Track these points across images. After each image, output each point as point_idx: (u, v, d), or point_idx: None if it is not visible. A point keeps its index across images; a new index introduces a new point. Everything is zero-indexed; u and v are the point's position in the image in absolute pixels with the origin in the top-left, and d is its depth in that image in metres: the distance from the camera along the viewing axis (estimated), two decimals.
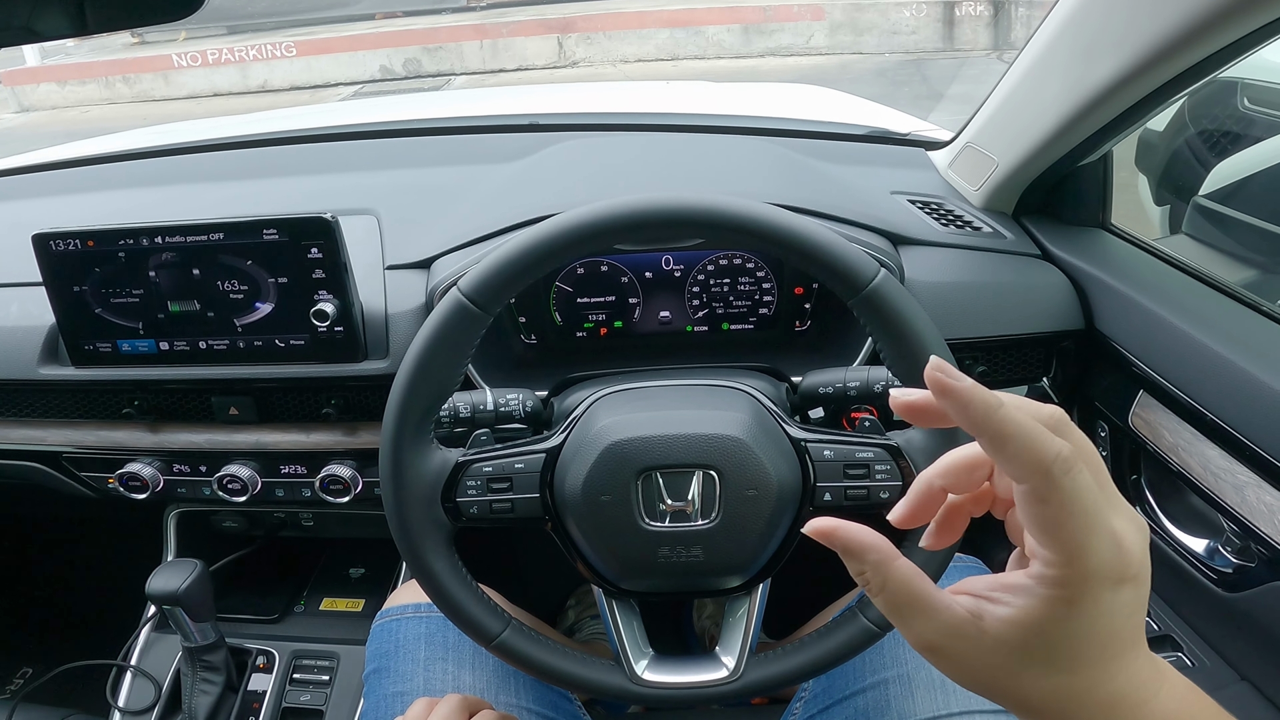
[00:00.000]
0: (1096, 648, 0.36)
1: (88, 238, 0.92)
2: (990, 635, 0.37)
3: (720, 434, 0.70)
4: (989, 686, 0.39)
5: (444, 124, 1.50)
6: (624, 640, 0.75)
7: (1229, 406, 0.81)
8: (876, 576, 0.39)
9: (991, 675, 0.38)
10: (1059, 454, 0.34)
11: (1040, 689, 0.37)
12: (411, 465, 0.71)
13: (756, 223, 0.67)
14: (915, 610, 0.39)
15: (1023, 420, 0.35)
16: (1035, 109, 0.94)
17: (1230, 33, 0.70)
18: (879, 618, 0.71)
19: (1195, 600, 0.90)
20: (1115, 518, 0.36)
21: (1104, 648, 0.36)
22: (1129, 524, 0.36)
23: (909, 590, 0.39)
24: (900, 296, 0.68)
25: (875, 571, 0.39)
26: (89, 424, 1.06)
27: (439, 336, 0.69)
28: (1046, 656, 0.37)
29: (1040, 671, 0.37)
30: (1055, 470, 0.34)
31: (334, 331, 0.95)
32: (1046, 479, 0.34)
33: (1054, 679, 0.37)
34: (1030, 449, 0.34)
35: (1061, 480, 0.34)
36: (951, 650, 0.38)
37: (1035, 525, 0.36)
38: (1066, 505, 0.34)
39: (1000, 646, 0.37)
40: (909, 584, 0.39)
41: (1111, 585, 0.35)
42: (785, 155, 1.22)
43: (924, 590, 0.39)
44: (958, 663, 0.39)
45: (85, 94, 8.28)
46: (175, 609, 1.01)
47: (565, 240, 0.68)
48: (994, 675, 0.38)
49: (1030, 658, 0.37)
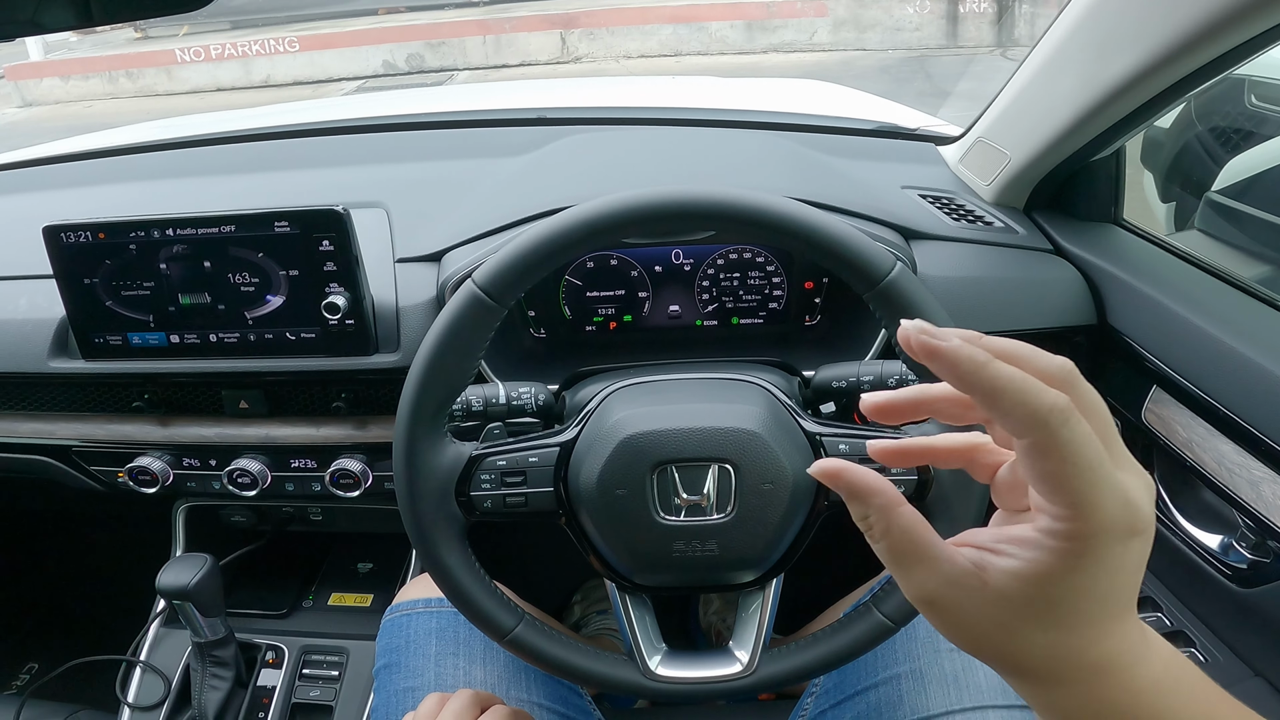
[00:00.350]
0: (1097, 604, 0.36)
1: (99, 230, 0.92)
2: (992, 588, 0.37)
3: (736, 427, 0.70)
4: (984, 643, 0.38)
5: (451, 118, 1.50)
6: (637, 635, 0.75)
7: (1244, 401, 0.80)
8: (880, 521, 0.38)
9: (988, 630, 0.37)
10: (1054, 405, 0.34)
11: (1036, 646, 0.37)
12: (425, 459, 0.71)
13: (772, 216, 0.67)
14: (917, 558, 0.38)
15: (1013, 374, 0.34)
16: (1049, 104, 0.94)
17: (1247, 30, 0.69)
18: (893, 613, 0.71)
19: (1209, 596, 0.90)
20: (1120, 471, 0.35)
21: (1104, 604, 0.36)
22: (1135, 478, 0.36)
23: (911, 538, 0.38)
24: (917, 289, 0.67)
25: (879, 516, 0.38)
26: (99, 417, 1.06)
27: (454, 330, 0.69)
28: (1047, 611, 0.36)
29: (1038, 627, 0.36)
30: (1053, 421, 0.33)
31: (345, 324, 0.94)
32: (1045, 430, 0.34)
33: (1050, 635, 0.37)
34: (1024, 402, 0.34)
35: (1060, 431, 0.34)
36: (951, 602, 0.38)
37: (1040, 480, 0.35)
38: (1069, 457, 0.34)
39: (1001, 600, 0.37)
40: (912, 531, 0.38)
41: (1121, 538, 0.35)
42: (795, 149, 1.22)
43: (927, 539, 0.38)
44: (956, 616, 0.38)
45: (88, 89, 8.29)
46: (185, 604, 1.01)
47: (581, 233, 0.67)
48: (991, 631, 0.37)
49: (1031, 612, 0.36)
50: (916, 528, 0.38)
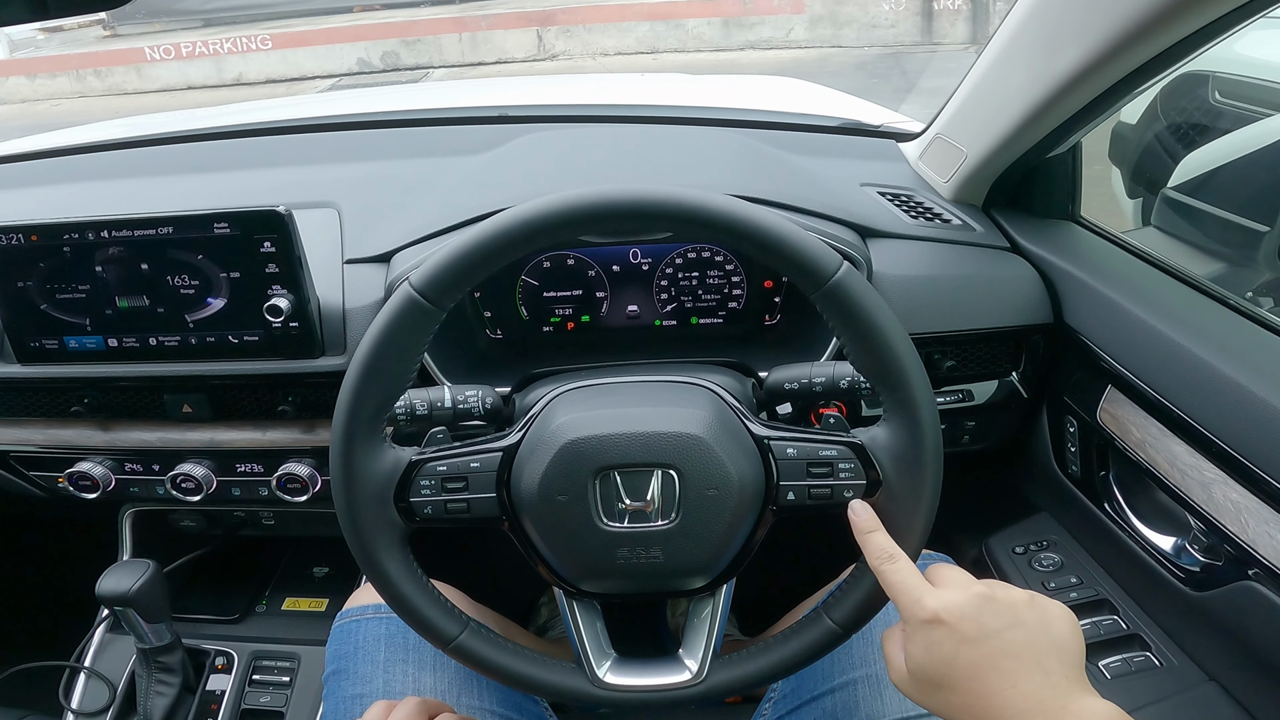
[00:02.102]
0: (951, 670, 0.57)
1: (31, 232, 0.90)
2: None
3: (680, 432, 0.68)
4: (928, 703, 0.60)
5: (410, 116, 1.47)
6: (585, 642, 0.73)
7: (1195, 401, 0.80)
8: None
9: (921, 695, 0.60)
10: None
11: (939, 704, 0.59)
12: (362, 465, 0.69)
13: (714, 215, 0.65)
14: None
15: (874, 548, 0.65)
16: (1001, 100, 0.93)
17: (1190, 23, 0.69)
18: (843, 620, 0.70)
19: (1163, 599, 0.89)
20: (933, 589, 0.60)
21: (953, 671, 0.57)
22: (950, 590, 0.59)
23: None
24: (863, 291, 0.66)
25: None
26: (37, 422, 1.03)
27: (389, 333, 0.67)
28: (923, 679, 0.59)
29: (930, 690, 0.59)
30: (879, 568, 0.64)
31: (289, 327, 0.92)
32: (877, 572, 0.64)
33: (941, 695, 0.58)
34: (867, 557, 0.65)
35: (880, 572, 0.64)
36: (903, 685, 0.62)
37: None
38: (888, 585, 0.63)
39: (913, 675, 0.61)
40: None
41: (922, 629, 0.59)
42: (753, 146, 1.21)
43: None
44: (910, 691, 0.62)
45: (56, 87, 8.16)
46: (127, 610, 0.99)
47: (518, 234, 0.66)
48: (920, 696, 0.61)
49: (921, 680, 0.60)
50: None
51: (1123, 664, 0.88)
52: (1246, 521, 0.75)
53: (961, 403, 1.03)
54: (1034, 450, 1.09)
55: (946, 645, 0.57)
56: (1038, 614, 0.58)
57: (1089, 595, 0.96)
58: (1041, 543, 1.05)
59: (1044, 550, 1.04)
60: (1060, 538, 1.06)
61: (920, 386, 0.66)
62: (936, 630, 0.57)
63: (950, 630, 0.57)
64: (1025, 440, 1.10)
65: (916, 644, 0.59)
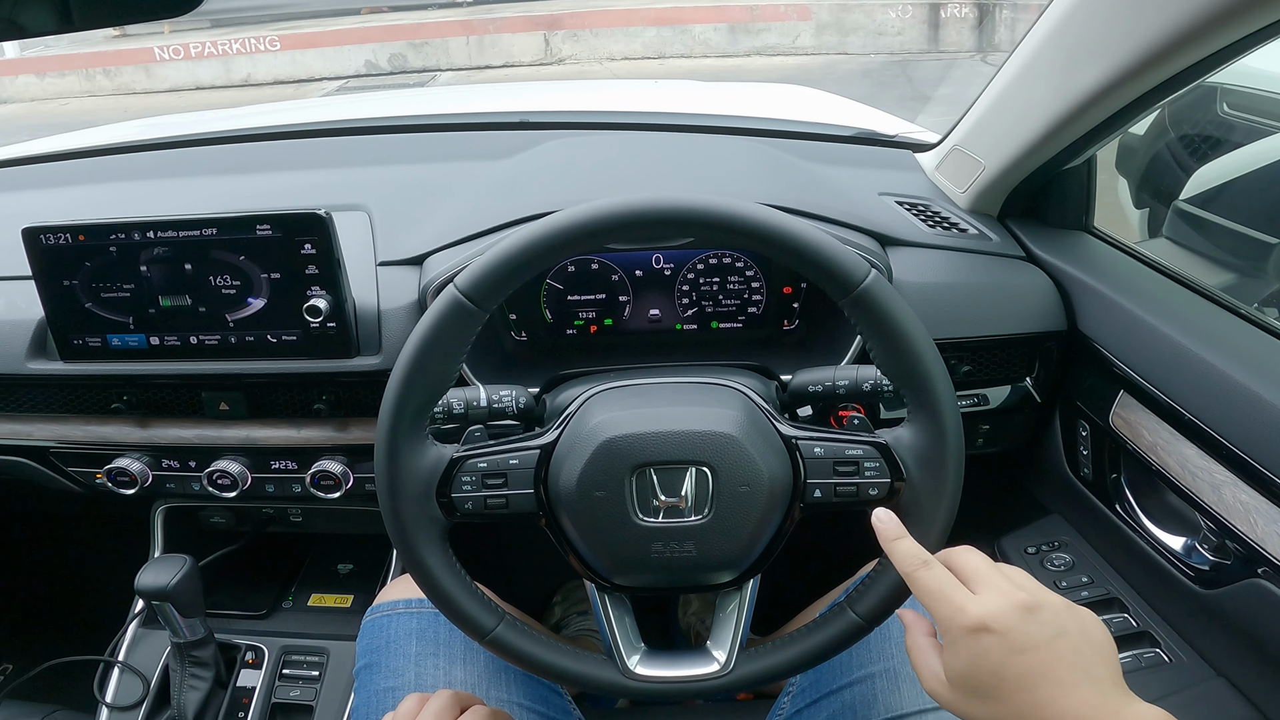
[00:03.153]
0: (998, 680, 0.56)
1: (79, 232, 0.92)
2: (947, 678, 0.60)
3: (714, 431, 0.71)
4: (964, 712, 0.59)
5: (434, 121, 1.50)
6: (616, 635, 0.76)
7: (1206, 406, 0.82)
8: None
9: (958, 705, 0.59)
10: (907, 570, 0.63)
11: (981, 714, 0.57)
12: (407, 461, 0.71)
13: (750, 223, 0.68)
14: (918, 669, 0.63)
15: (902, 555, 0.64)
16: (1022, 113, 0.96)
17: (1215, 41, 0.71)
18: (867, 613, 0.72)
19: (1173, 597, 0.92)
20: (975, 594, 0.59)
21: (1002, 680, 0.56)
22: (991, 596, 0.58)
23: (913, 657, 0.64)
24: (891, 297, 0.69)
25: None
26: (77, 419, 1.06)
27: (435, 333, 0.69)
28: (966, 688, 0.58)
29: (974, 700, 0.57)
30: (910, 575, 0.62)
31: (326, 327, 0.95)
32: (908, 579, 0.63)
33: (987, 705, 0.56)
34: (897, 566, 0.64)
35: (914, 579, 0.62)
36: (937, 693, 0.61)
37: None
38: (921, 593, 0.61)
39: (950, 683, 0.60)
40: (913, 652, 0.64)
41: (965, 636, 0.57)
42: (775, 156, 1.23)
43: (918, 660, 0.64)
44: (942, 697, 0.61)
45: (65, 86, 8.18)
46: (165, 604, 1.01)
47: (563, 238, 0.68)
48: (959, 705, 0.59)
49: (962, 690, 0.58)
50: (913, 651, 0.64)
51: (1133, 660, 0.90)
52: (1255, 521, 0.77)
53: (976, 406, 1.06)
54: (1046, 453, 1.11)
55: (994, 654, 0.55)
56: (1077, 621, 0.58)
57: (1100, 594, 0.99)
58: (1053, 543, 1.08)
59: (1055, 550, 1.07)
60: (1071, 538, 1.08)
61: (944, 389, 0.69)
62: (984, 639, 0.55)
63: (1000, 639, 0.55)
64: (1038, 443, 1.13)
65: (959, 653, 0.57)
